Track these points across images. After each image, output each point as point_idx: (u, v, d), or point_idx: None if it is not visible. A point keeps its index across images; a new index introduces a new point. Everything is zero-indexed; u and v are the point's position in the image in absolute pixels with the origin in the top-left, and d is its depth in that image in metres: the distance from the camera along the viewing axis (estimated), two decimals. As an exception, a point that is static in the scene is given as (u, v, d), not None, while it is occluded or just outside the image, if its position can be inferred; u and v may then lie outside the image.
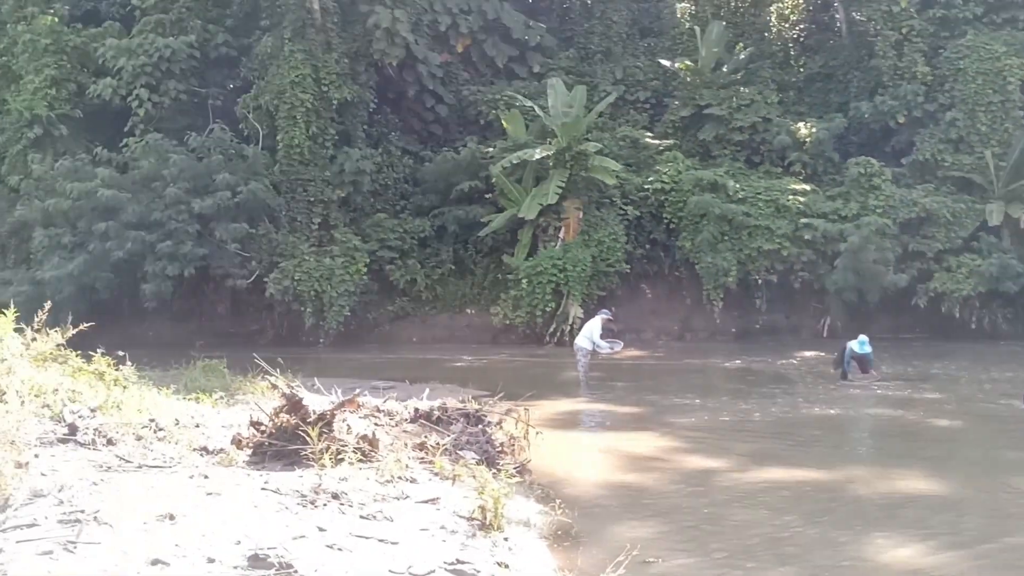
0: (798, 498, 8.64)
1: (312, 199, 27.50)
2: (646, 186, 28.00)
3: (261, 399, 9.53)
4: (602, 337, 17.80)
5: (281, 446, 7.79)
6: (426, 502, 6.89)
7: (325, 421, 7.86)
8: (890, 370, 19.14)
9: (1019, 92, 28.18)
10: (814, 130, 28.99)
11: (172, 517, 5.50)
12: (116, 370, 9.07)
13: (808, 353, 23.20)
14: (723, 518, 7.97)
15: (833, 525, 7.82)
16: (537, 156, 26.51)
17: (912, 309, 27.73)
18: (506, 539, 6.40)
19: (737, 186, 27.70)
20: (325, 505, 6.35)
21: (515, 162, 26.75)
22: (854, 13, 30.50)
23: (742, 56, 31.54)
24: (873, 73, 30.13)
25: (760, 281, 27.62)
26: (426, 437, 8.86)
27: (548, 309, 25.65)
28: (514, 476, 7.89)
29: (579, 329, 19.32)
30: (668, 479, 9.49)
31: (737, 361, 21.85)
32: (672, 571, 6.56)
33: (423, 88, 30.06)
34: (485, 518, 6.55)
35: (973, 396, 15.83)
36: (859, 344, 17.51)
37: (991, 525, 7.78)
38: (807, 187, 28.09)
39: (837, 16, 32.97)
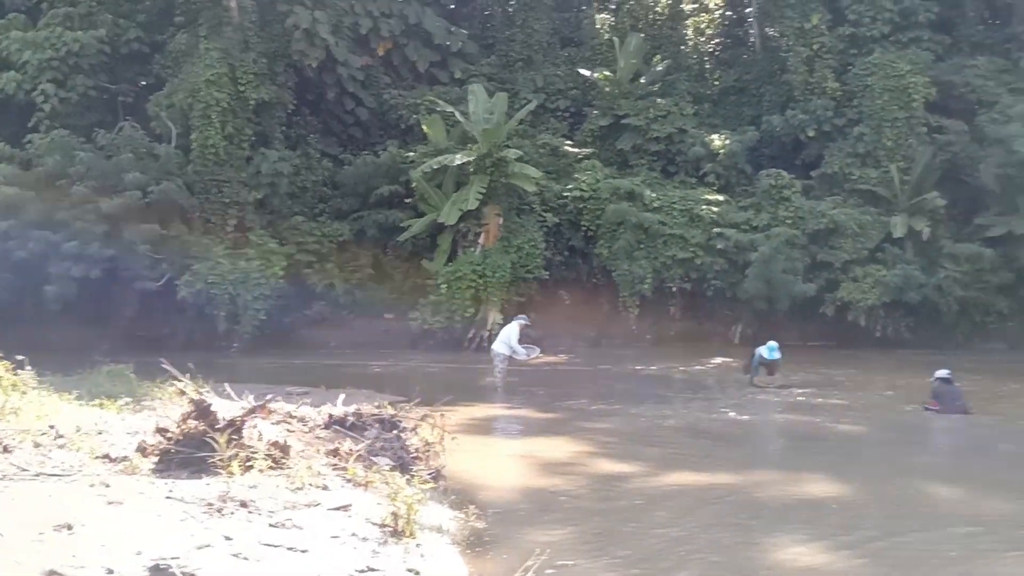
0: (706, 501, 8.83)
1: (227, 200, 26.94)
2: (565, 194, 28.28)
3: (169, 405, 9.29)
4: (520, 343, 17.91)
5: (188, 453, 7.59)
6: (338, 509, 6.81)
7: (235, 427, 7.69)
8: (797, 377, 19.72)
9: (923, 109, 29.35)
10: (727, 142, 29.72)
11: (70, 527, 5.31)
12: (14, 375, 8.72)
13: (720, 359, 23.73)
14: (633, 522, 8.09)
15: (738, 527, 8.01)
16: (458, 162, 26.53)
17: (820, 317, 28.63)
18: (418, 545, 6.38)
19: (653, 195, 28.20)
20: (232, 513, 6.22)
21: (436, 167, 26.73)
22: (767, 29, 31.39)
23: (659, 68, 32.15)
24: (785, 88, 31.04)
25: (674, 289, 28.16)
26: (340, 443, 8.75)
27: (467, 315, 25.67)
28: (428, 482, 7.87)
29: (497, 335, 19.35)
30: (581, 483, 9.58)
31: (652, 367, 22.21)
32: (579, 575, 6.63)
33: (343, 91, 29.80)
34: (397, 525, 6.51)
35: (876, 402, 16.42)
36: (768, 350, 18.01)
37: (886, 526, 8.09)
38: (720, 197, 28.77)
39: (751, 32, 33.92)
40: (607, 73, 31.38)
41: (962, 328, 28.65)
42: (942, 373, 14.89)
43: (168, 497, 6.36)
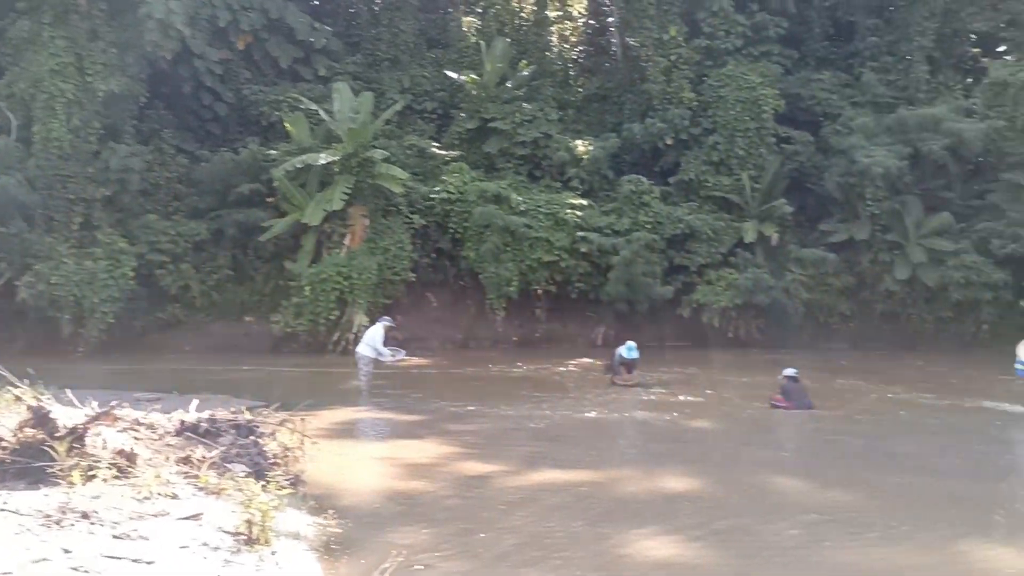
0: (567, 499, 8.98)
1: (72, 197, 25.48)
2: (432, 196, 28.20)
3: (5, 414, 8.71)
4: (385, 345, 17.74)
5: (25, 463, 7.16)
6: (188, 518, 6.56)
7: (76, 436, 7.30)
8: (655, 376, 20.35)
9: (772, 120, 30.82)
10: (591, 148, 30.36)
11: None
12: None
13: (584, 360, 24.22)
14: (496, 521, 8.14)
15: (597, 523, 8.19)
16: (322, 161, 26.05)
17: (677, 319, 29.66)
18: (274, 553, 6.21)
19: (520, 199, 28.49)
20: (73, 525, 5.89)
21: (299, 166, 26.16)
22: (628, 39, 32.23)
23: (525, 73, 32.53)
24: (645, 97, 31.97)
25: (540, 291, 28.55)
26: (192, 450, 8.43)
27: (332, 317, 25.22)
28: (286, 488, 7.67)
29: (362, 337, 19.06)
30: (445, 485, 9.57)
31: (518, 368, 22.43)
32: (439, 575, 6.63)
33: (200, 85, 28.76)
34: (252, 532, 6.32)
35: (728, 399, 17.13)
36: (627, 350, 18.55)
37: (735, 517, 8.44)
38: (584, 202, 29.35)
39: (613, 41, 34.76)
40: (474, 76, 31.52)
41: (808, 328, 30.26)
42: (789, 371, 15.70)
43: (1, 510, 5.96)
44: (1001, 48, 33.15)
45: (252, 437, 9.40)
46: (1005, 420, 14.83)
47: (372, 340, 17.65)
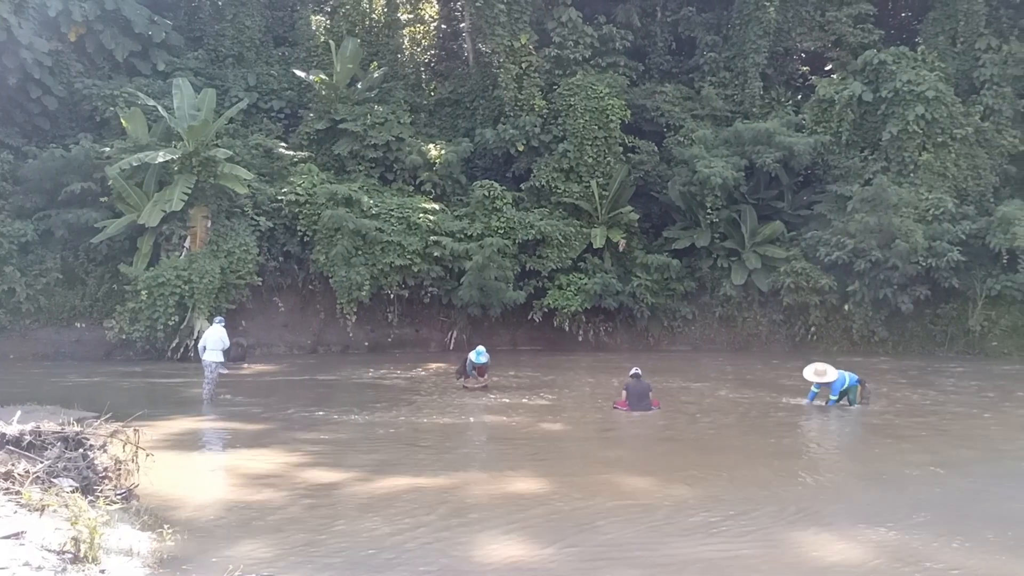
0: (418, 504, 8.94)
1: None
2: (280, 197, 27.53)
3: None
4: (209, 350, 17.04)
5: None
6: (9, 537, 6.12)
7: None
8: (505, 379, 20.59)
9: (619, 130, 31.80)
10: (443, 152, 30.43)
11: None
12: None
13: (435, 365, 24.23)
14: (343, 529, 8.01)
15: (447, 527, 8.19)
16: (160, 159, 24.96)
17: (529, 323, 30.16)
18: (103, 572, 5.89)
19: (371, 202, 28.21)
20: None
21: (136, 164, 24.98)
22: (480, 45, 32.50)
23: (376, 75, 32.27)
24: (497, 103, 32.33)
25: (392, 295, 28.35)
26: (14, 465, 7.87)
27: (171, 323, 24.20)
28: (117, 503, 7.30)
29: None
30: (290, 495, 9.34)
31: (368, 374, 22.19)
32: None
33: (27, 77, 26.96)
34: (79, 550, 5.98)
35: (575, 401, 17.52)
36: (476, 355, 18.69)
37: (581, 515, 8.64)
38: (436, 206, 29.38)
39: (465, 46, 34.97)
40: (323, 76, 30.99)
41: (653, 331, 31.40)
42: (634, 370, 16.22)
43: None
44: (827, 67, 35.43)
45: (81, 450, 8.87)
46: (827, 416, 15.84)
47: (219, 342, 17.03)
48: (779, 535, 8.05)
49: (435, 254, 28.03)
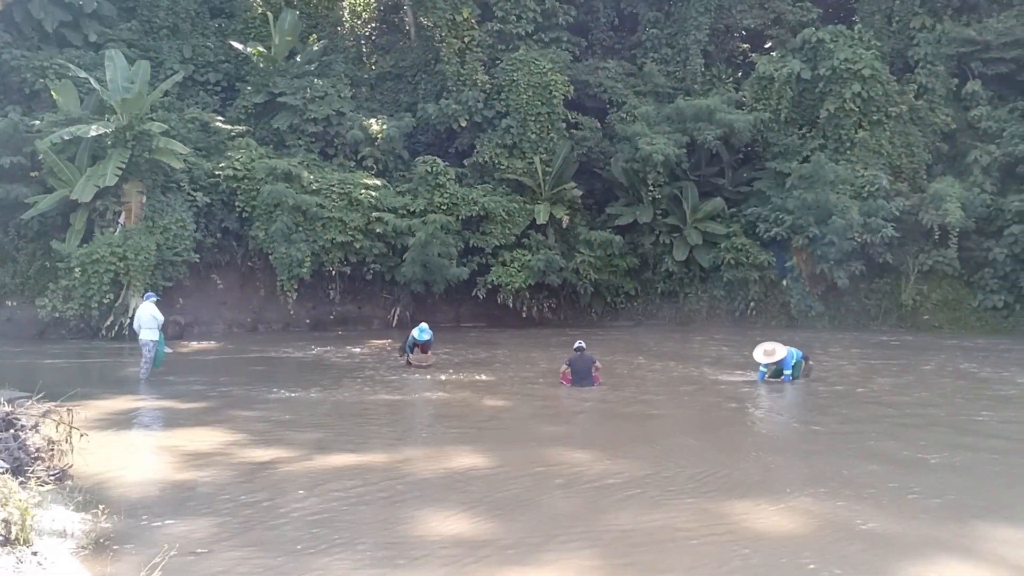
0: (359, 482, 8.92)
1: None
2: (217, 172, 27.08)
3: None
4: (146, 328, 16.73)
5: None
6: (-67, 522, 5.94)
7: None
8: (449, 355, 20.62)
9: (562, 106, 31.83)
10: (385, 127, 30.17)
11: None
12: None
13: (378, 342, 24.16)
14: (283, 507, 7.96)
15: (389, 504, 8.20)
16: (93, 133, 24.30)
17: (472, 300, 30.21)
18: (35, 553, 5.77)
19: (311, 177, 27.90)
20: None
21: (67, 138, 24.28)
22: (421, 18, 32.20)
23: (316, 48, 31.79)
24: (439, 77, 32.11)
25: (334, 272, 28.16)
26: (-61, 448, 7.65)
27: (105, 301, 23.69)
28: (50, 483, 7.14)
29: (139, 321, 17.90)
30: (229, 474, 9.24)
31: (310, 351, 22.03)
32: (215, 566, 6.40)
33: (-51, 46, 25.98)
34: (10, 532, 5.84)
35: (519, 378, 17.61)
36: (420, 332, 18.66)
37: (524, 490, 8.72)
38: (378, 182, 29.17)
39: (406, 19, 34.60)
40: (261, 49, 30.43)
41: (596, 307, 31.71)
42: (577, 344, 16.33)
43: None
44: (767, 44, 35.88)
45: (12, 431, 8.66)
46: (766, 390, 16.19)
47: (154, 320, 16.71)
48: (717, 506, 8.22)
49: (377, 230, 27.86)
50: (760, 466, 10.05)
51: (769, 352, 16.66)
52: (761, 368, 16.78)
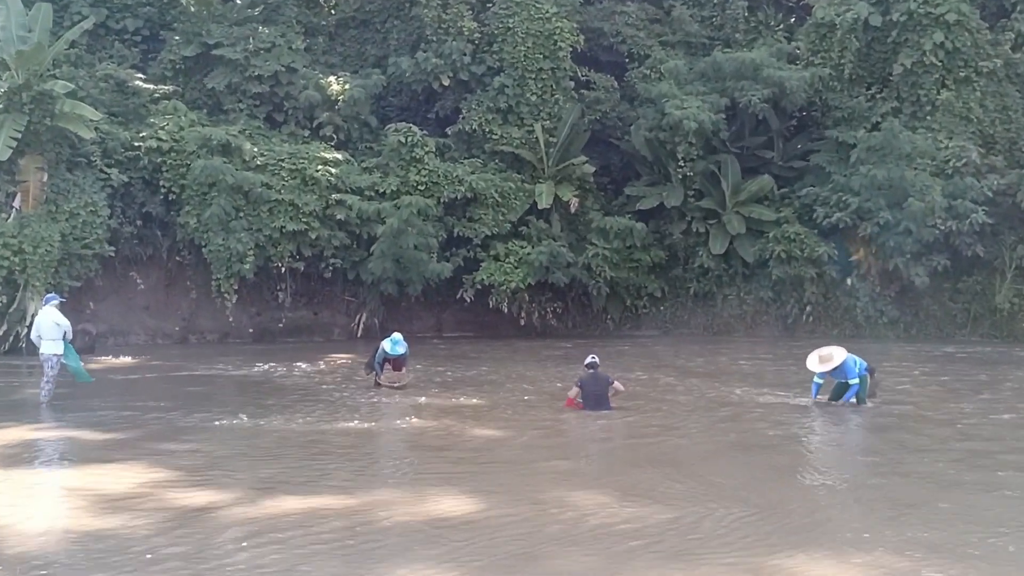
0: (318, 531, 8.95)
1: None
2: (137, 144, 27.17)
3: None
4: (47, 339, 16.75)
5: None
6: None
7: None
8: (424, 374, 20.65)
9: (570, 60, 31.90)
10: (348, 87, 30.21)
11: None
12: None
13: (340, 356, 24.19)
14: (221, 563, 8.00)
15: (353, 555, 8.23)
16: (-20, 95, 24.34)
17: (457, 304, 30.28)
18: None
19: (255, 150, 27.98)
20: None
21: (-53, 101, 24.31)
22: (394, -52, 32.27)
23: (262, -13, 31.85)
24: (415, 24, 32.17)
25: (284, 269, 28.19)
26: None
27: (-3, 305, 23.75)
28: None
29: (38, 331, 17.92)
30: (152, 522, 9.26)
31: (254, 368, 22.06)
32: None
33: None
34: None
35: (515, 401, 17.64)
36: (392, 344, 18.67)
37: (522, 542, 8.76)
38: (340, 156, 29.22)
39: (375, -50, 34.66)
40: (194, -11, 30.51)
41: (612, 313, 31.80)
42: (588, 359, 16.36)
43: None
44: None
45: None
46: (826, 416, 16.25)
47: (57, 328, 16.68)
48: (759, 562, 8.27)
49: (338, 216, 27.92)
50: (812, 510, 10.10)
51: (825, 358, 16.57)
52: (816, 379, 16.76)
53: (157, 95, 29.10)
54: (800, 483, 11.51)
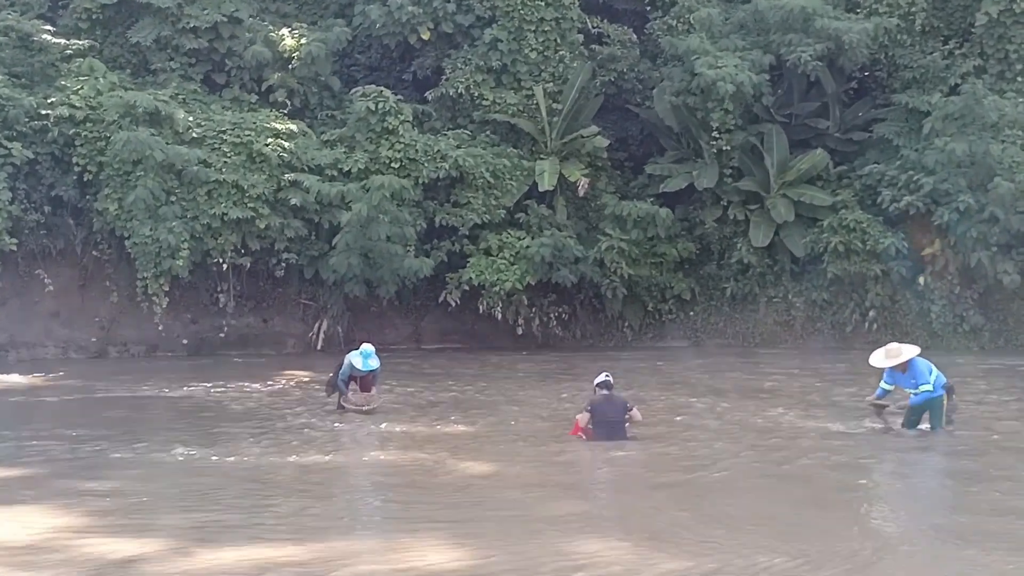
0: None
1: None
2: (45, 112, 27.13)
3: None
4: None
5: None
6: None
7: None
8: (400, 394, 20.66)
9: (578, 7, 31.89)
10: (304, 42, 30.16)
11: None
12: None
13: (296, 373, 24.17)
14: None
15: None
16: None
17: (440, 308, 30.24)
18: None
19: (191, 120, 27.97)
20: None
21: None
22: None
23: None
24: (388, -37, 32.13)
25: (226, 267, 28.17)
26: None
27: None
28: None
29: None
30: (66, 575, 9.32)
31: (189, 389, 22.05)
32: None
33: None
34: None
35: (511, 428, 17.66)
36: (363, 358, 18.63)
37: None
38: (295, 127, 29.19)
39: None
40: (112, -81, 30.47)
41: (631, 319, 31.78)
42: (601, 377, 16.33)
43: None
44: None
45: None
46: (896, 443, 16.30)
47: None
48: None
49: (293, 201, 27.91)
50: (871, 559, 10.15)
51: (893, 353, 16.59)
52: (883, 384, 16.75)
53: (69, 52, 29.02)
54: (860, 528, 11.55)
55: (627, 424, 16.10)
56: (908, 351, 16.59)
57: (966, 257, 29.58)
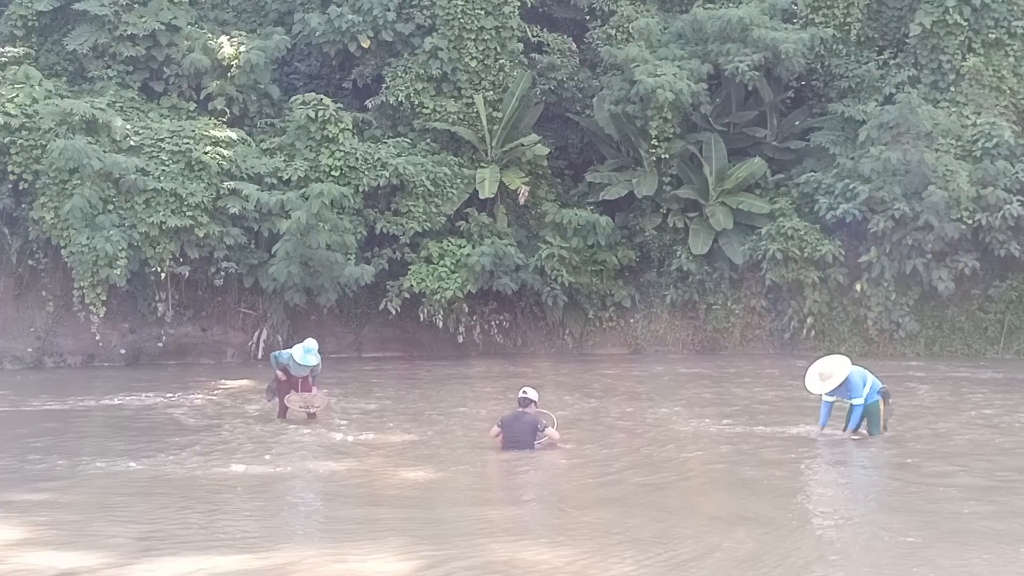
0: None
1: None
2: (-22, 119, 26.84)
3: None
4: None
5: None
6: None
7: None
8: (342, 400, 20.60)
9: (518, 17, 31.93)
10: (243, 50, 30.03)
11: None
12: None
13: (236, 383, 24.04)
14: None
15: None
16: None
17: (381, 317, 30.18)
18: None
19: (128, 128, 27.77)
20: None
21: None
22: None
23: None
24: (326, -28, 32.05)
25: (164, 276, 27.98)
26: None
27: None
28: None
29: None
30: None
31: (128, 399, 21.87)
32: None
33: None
34: None
35: (451, 436, 17.67)
36: (304, 352, 18.37)
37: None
38: (233, 134, 29.06)
39: None
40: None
41: (572, 327, 31.87)
42: (525, 392, 16.16)
43: None
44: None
45: None
46: (835, 449, 16.46)
47: None
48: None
49: (232, 209, 27.78)
50: (817, 569, 10.23)
51: (825, 375, 16.61)
52: (824, 399, 16.81)
53: (4, 59, 28.72)
54: (800, 538, 11.64)
55: (538, 444, 15.91)
56: (839, 371, 16.48)
57: (901, 264, 29.88)
